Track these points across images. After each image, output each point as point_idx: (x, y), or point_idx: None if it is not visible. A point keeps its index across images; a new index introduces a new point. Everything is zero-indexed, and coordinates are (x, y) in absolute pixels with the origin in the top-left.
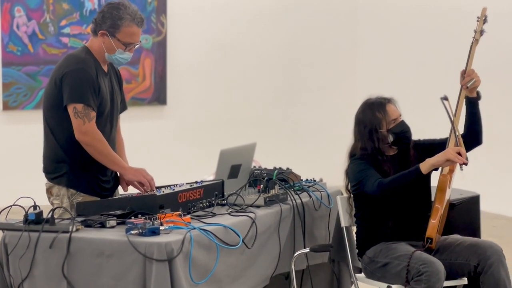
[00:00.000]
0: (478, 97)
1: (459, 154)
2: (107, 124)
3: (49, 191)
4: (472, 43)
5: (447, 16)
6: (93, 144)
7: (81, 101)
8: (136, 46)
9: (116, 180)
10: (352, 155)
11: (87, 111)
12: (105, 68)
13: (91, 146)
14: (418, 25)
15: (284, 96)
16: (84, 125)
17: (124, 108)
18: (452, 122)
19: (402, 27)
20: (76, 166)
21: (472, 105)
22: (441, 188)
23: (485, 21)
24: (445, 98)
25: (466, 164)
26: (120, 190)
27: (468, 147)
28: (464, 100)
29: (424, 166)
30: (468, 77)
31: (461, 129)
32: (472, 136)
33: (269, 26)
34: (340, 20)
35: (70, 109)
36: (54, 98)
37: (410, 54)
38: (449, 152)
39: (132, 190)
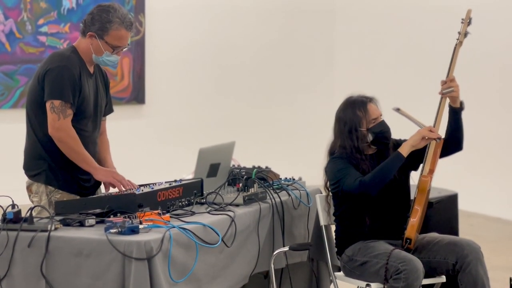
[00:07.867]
0: (461, 107)
1: (431, 132)
2: (89, 125)
3: (29, 189)
4: (456, 45)
5: (425, 15)
6: (65, 140)
7: (60, 98)
8: (124, 50)
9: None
10: (331, 153)
11: (63, 108)
12: (91, 69)
13: (63, 143)
14: (396, 24)
15: (262, 95)
16: (58, 121)
17: (110, 110)
18: (414, 121)
19: (380, 27)
20: (55, 164)
21: (455, 114)
22: (422, 189)
23: (469, 23)
24: (397, 109)
25: (440, 138)
26: (103, 189)
27: (448, 152)
28: (448, 107)
29: (403, 150)
30: (446, 85)
31: (442, 133)
32: (453, 142)
33: (248, 27)
34: (318, 21)
35: (48, 104)
36: (36, 94)
37: (388, 54)
38: (422, 130)
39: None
